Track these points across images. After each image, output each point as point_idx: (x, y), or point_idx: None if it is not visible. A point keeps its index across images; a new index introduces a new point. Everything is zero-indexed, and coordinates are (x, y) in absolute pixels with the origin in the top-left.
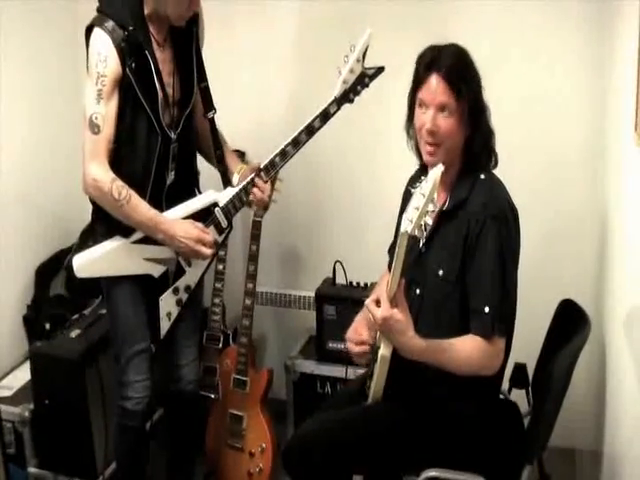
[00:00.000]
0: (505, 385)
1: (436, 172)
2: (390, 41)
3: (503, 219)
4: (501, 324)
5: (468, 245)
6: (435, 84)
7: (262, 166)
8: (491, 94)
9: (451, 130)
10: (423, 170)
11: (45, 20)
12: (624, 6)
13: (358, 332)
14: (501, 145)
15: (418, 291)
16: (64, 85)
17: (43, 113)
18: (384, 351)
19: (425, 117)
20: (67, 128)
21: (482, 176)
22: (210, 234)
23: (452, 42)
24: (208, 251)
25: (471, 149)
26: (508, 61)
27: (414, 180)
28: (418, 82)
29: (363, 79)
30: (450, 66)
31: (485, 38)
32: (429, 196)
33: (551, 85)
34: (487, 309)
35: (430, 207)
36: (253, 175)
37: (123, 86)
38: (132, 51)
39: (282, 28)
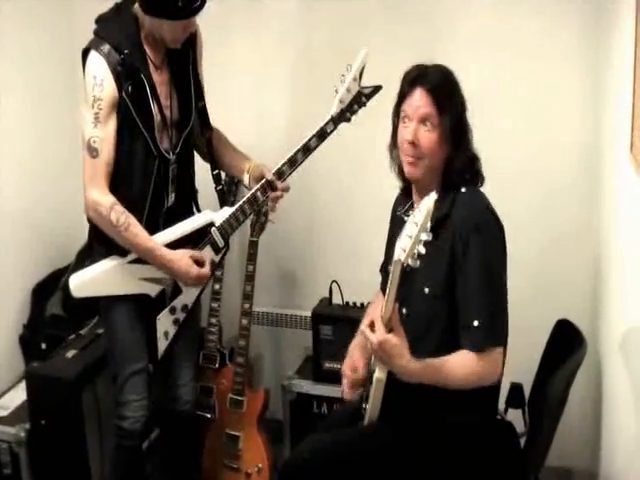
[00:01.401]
0: (501, 405)
1: (429, 201)
2: (387, 60)
3: (485, 229)
4: (493, 335)
5: (454, 260)
6: (419, 97)
7: (259, 185)
8: (485, 115)
9: (432, 145)
10: (406, 191)
11: (42, 36)
12: (619, 28)
13: (354, 367)
14: (495, 165)
15: (404, 310)
16: (60, 102)
17: (38, 131)
18: (379, 374)
19: (407, 131)
20: (63, 147)
21: (463, 189)
22: (208, 267)
23: (438, 63)
24: (203, 283)
25: (451, 169)
26: (503, 81)
27: (399, 203)
28: (402, 96)
29: (360, 98)
30: (435, 82)
31: (481, 58)
32: (422, 225)
33: (546, 104)
34: (476, 323)
35: (423, 236)
36: (251, 192)
37: (120, 109)
38: (128, 74)
39: (279, 47)
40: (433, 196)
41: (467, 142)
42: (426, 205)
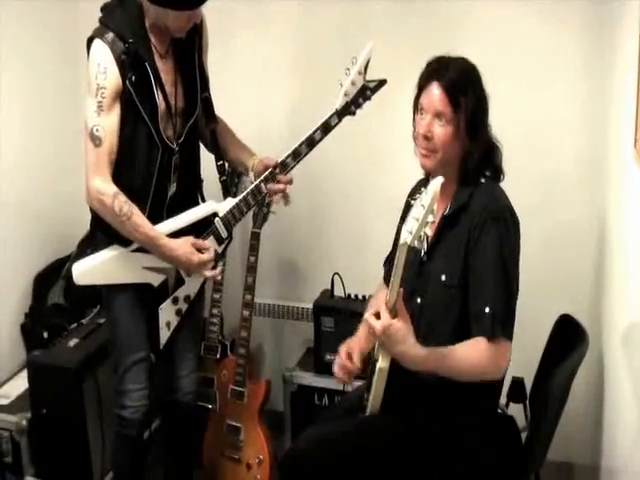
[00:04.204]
0: (503, 399)
1: (436, 184)
2: (393, 54)
3: (503, 220)
4: (504, 325)
5: (469, 247)
6: (434, 92)
7: (262, 177)
8: (491, 108)
9: (445, 139)
10: (425, 182)
11: (44, 25)
12: (624, 25)
13: (349, 353)
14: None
15: (419, 300)
16: (62, 92)
17: (41, 121)
18: (382, 364)
19: (422, 123)
20: (65, 136)
21: (482, 180)
22: (211, 253)
23: (462, 56)
24: (209, 273)
25: (467, 164)
26: (509, 76)
27: (414, 192)
28: (420, 88)
29: (365, 91)
30: (452, 78)
31: (486, 54)
32: (429, 207)
33: (551, 99)
34: (488, 309)
35: (430, 218)
36: (255, 183)
37: (123, 98)
38: (132, 63)
39: (284, 40)
40: (440, 179)
41: (484, 137)
42: (433, 187)
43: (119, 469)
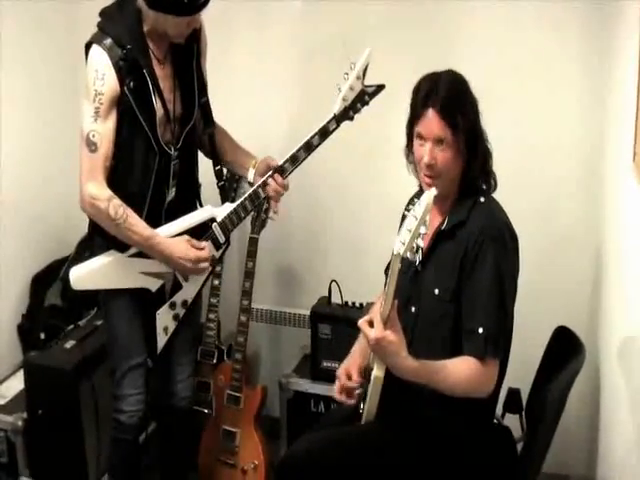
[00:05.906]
0: (499, 410)
1: (429, 196)
2: (391, 59)
3: (502, 241)
4: (495, 346)
5: (465, 266)
6: (431, 119)
7: (260, 182)
8: (488, 120)
9: (448, 162)
10: (421, 193)
11: (43, 29)
12: (624, 37)
13: (348, 373)
14: (497, 172)
15: (414, 309)
16: (61, 94)
17: (39, 123)
18: (377, 372)
19: (423, 150)
20: (63, 138)
21: (482, 199)
22: (207, 250)
23: (448, 69)
24: (205, 264)
25: (468, 175)
26: (506, 89)
27: (410, 203)
28: (415, 116)
29: (363, 97)
30: (445, 99)
31: (483, 64)
32: (421, 219)
33: (550, 114)
34: (481, 330)
35: (422, 230)
36: (253, 189)
37: (121, 104)
38: (130, 69)
39: (283, 44)
40: (433, 191)
41: (482, 145)
42: (426, 199)
43: (115, 472)
